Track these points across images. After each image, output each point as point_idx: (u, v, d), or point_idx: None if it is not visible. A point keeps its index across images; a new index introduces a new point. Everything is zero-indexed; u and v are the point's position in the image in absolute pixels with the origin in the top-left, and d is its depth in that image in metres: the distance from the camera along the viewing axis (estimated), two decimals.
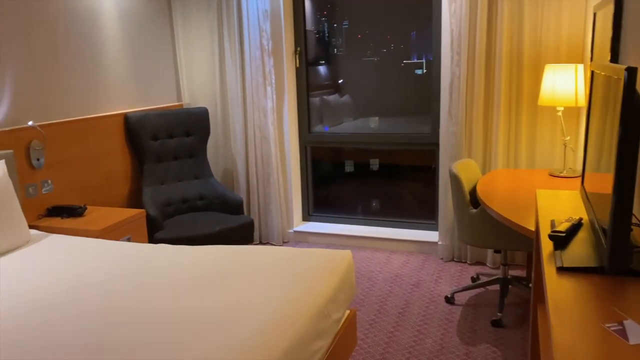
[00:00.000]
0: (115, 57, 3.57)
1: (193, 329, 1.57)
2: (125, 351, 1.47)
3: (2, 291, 1.93)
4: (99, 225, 2.77)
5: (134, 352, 1.46)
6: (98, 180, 3.39)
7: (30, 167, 2.90)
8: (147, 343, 1.50)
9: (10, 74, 2.82)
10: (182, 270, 2.06)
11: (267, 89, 3.96)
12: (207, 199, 3.79)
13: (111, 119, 3.51)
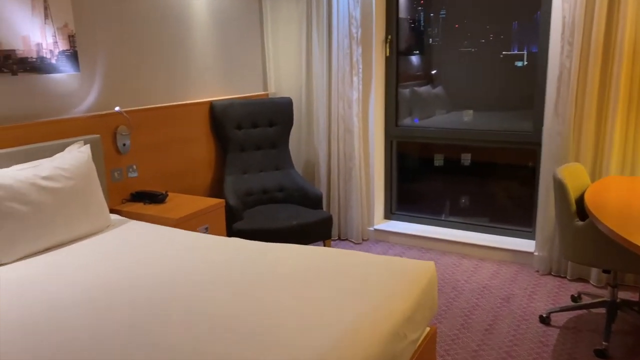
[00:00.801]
0: (204, 46, 3.56)
1: (257, 338, 1.45)
2: (178, 352, 1.38)
3: (72, 275, 1.94)
4: (178, 213, 2.76)
5: (184, 354, 1.36)
6: (181, 167, 3.41)
7: (116, 152, 2.95)
8: (201, 344, 1.41)
9: (102, 61, 2.87)
10: (253, 269, 1.95)
11: (353, 79, 3.78)
12: (287, 191, 3.70)
13: (197, 107, 3.51)
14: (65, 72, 2.66)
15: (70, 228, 2.31)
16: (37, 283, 1.90)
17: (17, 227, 2.13)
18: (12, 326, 1.58)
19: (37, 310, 1.68)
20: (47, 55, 2.57)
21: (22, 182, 2.18)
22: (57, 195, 2.27)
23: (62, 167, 2.34)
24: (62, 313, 1.66)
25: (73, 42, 2.68)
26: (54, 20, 2.59)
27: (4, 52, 2.38)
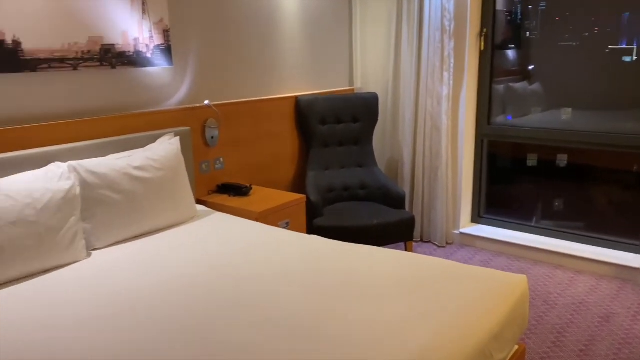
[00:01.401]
0: (292, 42, 3.56)
1: (327, 345, 1.40)
2: (242, 352, 1.36)
3: (157, 263, 2.00)
4: (261, 207, 2.78)
5: (250, 355, 1.34)
6: (266, 161, 3.44)
7: (205, 144, 3.03)
8: (269, 343, 1.38)
9: (193, 56, 2.95)
10: (331, 271, 1.90)
11: (443, 74, 3.61)
12: (369, 188, 3.62)
13: (283, 102, 3.52)
14: (159, 66, 2.76)
15: (158, 217, 2.39)
16: (125, 268, 1.98)
17: (110, 214, 2.23)
18: (100, 307, 1.65)
19: (122, 293, 1.75)
20: (143, 49, 2.67)
21: (116, 172, 2.28)
22: (147, 185, 2.36)
23: (152, 158, 2.43)
24: (144, 299, 1.70)
25: (167, 37, 2.78)
26: (151, 15, 2.69)
27: (105, 46, 2.51)
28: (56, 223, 2.01)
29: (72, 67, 2.40)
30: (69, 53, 2.38)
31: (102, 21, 2.48)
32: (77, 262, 2.07)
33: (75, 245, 2.08)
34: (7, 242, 1.86)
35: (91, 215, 2.21)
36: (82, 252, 2.11)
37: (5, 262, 1.85)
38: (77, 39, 2.40)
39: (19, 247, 1.89)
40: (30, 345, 1.46)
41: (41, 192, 2.01)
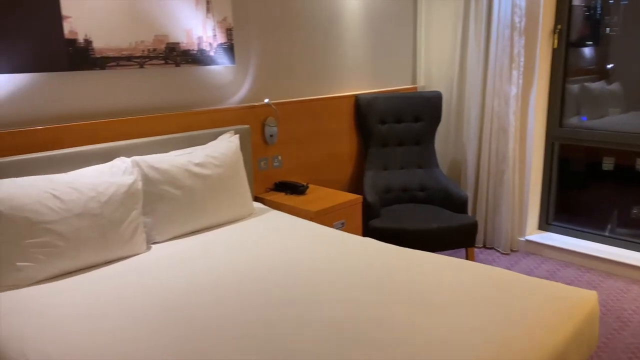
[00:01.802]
0: (353, 40, 3.51)
1: (381, 352, 1.35)
2: (292, 352, 1.33)
3: (213, 258, 2.02)
4: (317, 206, 2.76)
5: (301, 353, 1.31)
6: (323, 160, 3.42)
7: (264, 142, 3.04)
8: (319, 347, 1.34)
9: (255, 54, 2.97)
10: (387, 276, 1.85)
11: (512, 73, 3.44)
12: (429, 190, 3.51)
13: (342, 100, 3.48)
14: (221, 65, 2.80)
15: (216, 213, 2.42)
16: (183, 262, 2.02)
17: (170, 209, 2.29)
18: (157, 299, 1.69)
19: (179, 288, 1.78)
20: (206, 47, 2.72)
21: (177, 168, 2.33)
22: (206, 181, 2.39)
23: (212, 155, 2.47)
24: (199, 294, 1.72)
25: (230, 36, 2.81)
26: (215, 14, 2.73)
27: (170, 44, 2.57)
28: (119, 216, 2.08)
29: (139, 65, 2.47)
30: (136, 52, 2.45)
31: (168, 20, 2.54)
32: (137, 255, 2.13)
33: (136, 238, 2.14)
34: (73, 233, 1.94)
35: (152, 210, 2.27)
36: (143, 245, 2.17)
37: (70, 252, 1.94)
38: (143, 38, 2.47)
39: (83, 238, 1.97)
40: (89, 334, 1.51)
41: (105, 186, 2.09)
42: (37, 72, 2.17)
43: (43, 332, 1.53)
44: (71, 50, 2.24)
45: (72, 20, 2.22)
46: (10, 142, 2.10)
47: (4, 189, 1.89)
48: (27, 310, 1.67)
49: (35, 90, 2.19)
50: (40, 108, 2.21)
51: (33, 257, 1.87)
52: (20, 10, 2.07)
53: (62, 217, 1.94)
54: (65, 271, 1.95)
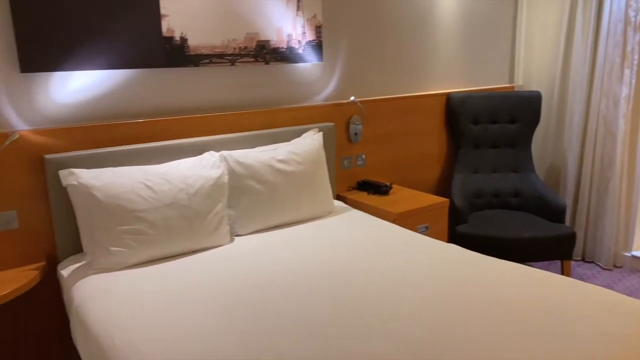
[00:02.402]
0: (446, 37, 3.38)
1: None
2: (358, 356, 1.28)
3: (292, 254, 2.02)
4: (399, 207, 2.68)
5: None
6: (409, 160, 3.33)
7: (348, 140, 3.02)
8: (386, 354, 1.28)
9: (343, 52, 2.95)
10: (467, 286, 1.74)
11: (624, 72, 3.13)
12: (523, 197, 3.29)
13: (432, 99, 3.36)
14: (310, 62, 2.81)
15: (297, 210, 2.43)
16: (264, 256, 2.04)
17: (253, 203, 2.33)
18: (237, 290, 1.72)
19: (258, 280, 1.80)
20: (295, 45, 2.74)
21: (261, 163, 2.37)
22: (289, 178, 2.41)
23: (295, 152, 2.48)
24: (278, 288, 1.73)
25: (319, 33, 2.81)
26: (305, 12, 2.74)
27: (260, 42, 2.62)
28: (205, 208, 2.15)
29: (230, 63, 2.55)
30: (228, 49, 2.52)
31: (259, 18, 2.59)
32: (221, 246, 2.19)
33: (220, 230, 2.20)
34: (162, 222, 2.04)
35: (236, 203, 2.33)
36: (226, 237, 2.23)
37: (159, 240, 2.03)
38: (235, 36, 2.53)
39: (172, 227, 2.06)
40: (172, 322, 1.57)
41: (194, 179, 2.17)
42: (137, 68, 2.30)
43: (129, 316, 1.61)
44: (168, 48, 2.35)
45: (170, 18, 2.33)
46: (110, 134, 2.25)
47: (103, 178, 2.03)
48: (117, 293, 1.78)
49: (134, 86, 2.33)
50: (138, 102, 2.35)
51: (125, 243, 1.98)
52: (122, 10, 2.21)
53: (153, 207, 2.04)
54: (153, 258, 2.05)
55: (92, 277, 1.91)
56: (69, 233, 2.13)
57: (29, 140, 2.07)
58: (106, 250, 1.96)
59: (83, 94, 2.21)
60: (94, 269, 1.97)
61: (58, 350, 2.22)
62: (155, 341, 1.47)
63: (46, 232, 2.15)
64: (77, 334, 1.76)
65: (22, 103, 2.07)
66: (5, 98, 2.03)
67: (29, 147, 2.07)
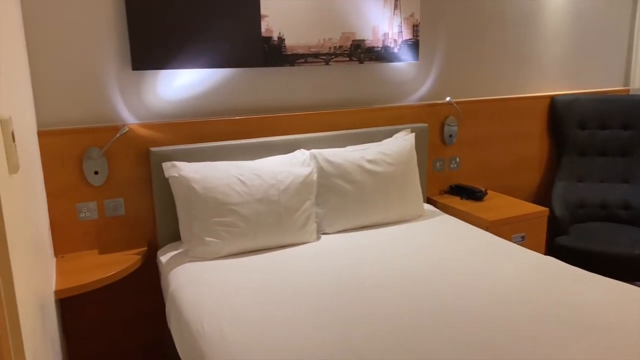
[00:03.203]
0: (551, 36, 3.17)
1: None
2: None
3: (375, 257, 1.99)
4: (494, 215, 2.56)
5: None
6: (506, 166, 3.16)
7: (441, 142, 2.93)
8: None
9: (440, 51, 2.86)
10: (567, 305, 1.62)
11: None
12: (635, 210, 3.01)
13: (534, 101, 3.17)
14: (405, 61, 2.76)
15: (384, 211, 2.40)
16: (349, 256, 2.04)
17: (340, 202, 2.33)
18: (320, 287, 1.73)
19: (341, 280, 1.80)
20: (391, 44, 2.70)
21: (350, 163, 2.37)
22: (377, 178, 2.38)
23: (385, 152, 2.45)
24: (362, 288, 1.72)
25: (416, 32, 2.75)
26: (402, 10, 2.69)
27: (355, 42, 2.61)
28: (294, 204, 2.19)
29: (324, 62, 2.57)
30: (323, 49, 2.55)
31: (355, 18, 2.59)
32: (307, 243, 2.22)
33: (307, 227, 2.23)
34: (253, 216, 2.10)
35: (324, 201, 2.34)
36: (313, 234, 2.25)
37: (250, 233, 2.10)
38: (331, 35, 2.55)
39: (262, 221, 2.11)
40: (259, 314, 1.61)
41: (284, 175, 2.21)
42: (236, 67, 2.39)
43: (218, 305, 1.68)
44: (266, 48, 2.41)
45: (269, 19, 2.39)
46: (209, 130, 2.36)
47: (201, 171, 2.13)
48: (209, 282, 1.86)
49: (233, 84, 2.42)
50: (236, 100, 2.44)
51: (218, 234, 2.07)
52: (226, 11, 2.30)
53: (245, 201, 2.11)
54: (243, 250, 2.12)
55: (188, 265, 2.01)
56: (168, 222, 2.26)
57: (137, 134, 2.22)
58: (201, 240, 2.06)
59: (186, 92, 2.33)
60: (190, 257, 2.07)
61: (154, 331, 2.37)
62: (241, 330, 1.52)
63: (148, 220, 2.31)
64: (171, 317, 1.87)
65: (132, 99, 2.24)
66: (118, 94, 2.20)
67: (136, 139, 2.23)
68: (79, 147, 2.14)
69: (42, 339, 1.38)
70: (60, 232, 2.16)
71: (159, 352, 2.41)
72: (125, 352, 2.37)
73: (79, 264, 2.07)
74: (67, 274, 1.98)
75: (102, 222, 2.22)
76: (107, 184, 2.20)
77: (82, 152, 2.14)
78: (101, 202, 2.21)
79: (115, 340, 2.34)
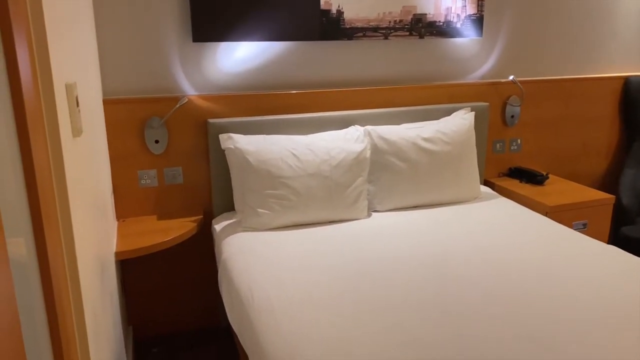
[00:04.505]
0: (630, 9, 2.94)
1: None
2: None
3: (428, 238, 1.96)
4: (554, 200, 2.45)
5: None
6: (571, 149, 3.01)
7: (503, 123, 2.81)
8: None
9: (505, 27, 2.73)
10: (627, 300, 1.54)
11: None
12: None
13: (605, 82, 2.98)
14: (467, 37, 2.65)
15: (439, 191, 2.35)
16: (400, 235, 2.02)
17: (393, 180, 2.30)
18: (369, 265, 1.73)
19: (393, 257, 1.79)
20: (453, 19, 2.60)
21: (405, 140, 2.33)
22: (433, 157, 2.33)
23: (443, 131, 2.38)
24: (411, 267, 1.70)
25: (481, 7, 2.63)
26: None
27: (416, 15, 2.54)
28: (345, 180, 2.18)
29: (384, 36, 2.51)
30: (382, 22, 2.49)
31: None
32: (358, 220, 2.21)
33: (358, 203, 2.22)
34: (305, 190, 2.12)
35: (376, 179, 2.32)
36: (364, 211, 2.24)
37: (301, 207, 2.12)
38: (391, 9, 2.49)
39: (313, 196, 2.13)
40: (305, 285, 1.63)
41: (337, 151, 2.20)
42: (294, 40, 2.38)
43: (267, 274, 1.72)
44: (325, 21, 2.39)
45: None
46: (265, 103, 2.38)
47: (256, 144, 2.16)
48: (259, 252, 1.90)
49: (289, 58, 2.42)
50: (292, 74, 2.44)
51: (270, 206, 2.10)
52: None
53: (298, 175, 2.12)
54: (294, 223, 2.14)
55: (240, 235, 2.06)
56: (223, 192, 2.32)
57: (196, 105, 2.28)
58: (254, 211, 2.10)
59: (244, 64, 2.36)
60: (243, 227, 2.12)
61: (209, 297, 2.46)
62: (288, 300, 1.55)
63: (205, 189, 2.37)
64: (223, 284, 1.93)
65: (192, 70, 2.28)
66: (178, 65, 2.26)
67: (195, 110, 2.28)
68: (141, 116, 2.22)
69: (101, 295, 1.46)
70: (122, 197, 2.26)
71: (213, 317, 2.50)
72: (181, 314, 2.47)
73: (139, 228, 2.17)
74: (127, 237, 2.08)
75: (161, 189, 2.31)
76: (166, 153, 2.28)
77: (144, 121, 2.22)
78: (161, 170, 2.29)
79: (172, 303, 2.45)
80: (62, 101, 0.99)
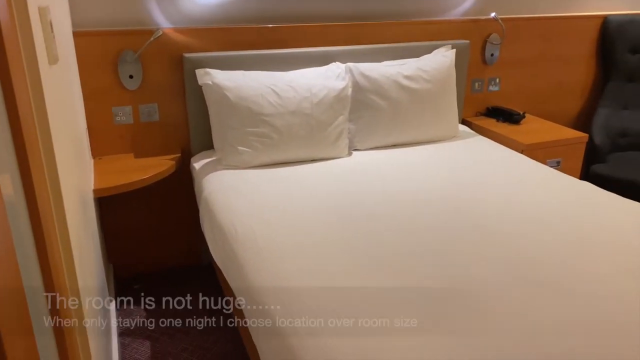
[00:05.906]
0: None
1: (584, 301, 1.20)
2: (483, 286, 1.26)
3: (408, 176, 1.99)
4: (530, 138, 2.49)
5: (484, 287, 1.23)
6: (547, 89, 3.03)
7: (482, 61, 2.80)
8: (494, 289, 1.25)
9: None
10: (599, 226, 1.61)
11: None
12: None
13: (584, 21, 2.97)
14: None
15: (418, 130, 2.36)
16: (380, 173, 2.05)
17: (374, 118, 2.30)
18: (350, 200, 1.75)
19: (372, 195, 1.81)
20: None
21: (386, 78, 2.30)
22: (413, 96, 2.32)
23: (423, 69, 2.36)
24: (387, 204, 1.73)
25: None
26: None
27: None
28: (326, 118, 2.16)
29: None
30: None
31: None
32: (338, 159, 2.22)
33: (339, 142, 2.22)
34: (286, 128, 2.09)
35: (357, 117, 2.31)
36: (345, 149, 2.24)
37: (282, 145, 2.10)
38: None
39: (294, 134, 2.11)
40: (287, 220, 1.65)
41: (319, 88, 2.17)
42: None
43: (250, 209, 1.72)
44: None
45: None
46: (242, 38, 2.30)
47: (235, 79, 2.10)
48: (241, 189, 1.90)
49: None
50: (272, 7, 2.35)
51: (251, 144, 2.08)
52: None
53: (278, 112, 2.09)
54: (275, 161, 2.13)
55: (221, 172, 2.05)
56: (201, 129, 2.27)
57: (171, 38, 2.19)
58: (234, 149, 2.08)
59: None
60: (223, 165, 2.10)
61: (189, 236, 2.47)
62: (270, 234, 1.57)
63: (182, 127, 2.32)
64: (205, 221, 1.93)
65: (166, 2, 2.17)
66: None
67: (170, 44, 2.19)
68: (113, 49, 2.12)
69: (85, 234, 1.44)
70: (97, 135, 2.20)
71: (194, 255, 2.52)
72: (162, 253, 2.48)
73: (115, 166, 2.12)
74: (104, 174, 2.04)
75: (137, 126, 2.25)
76: (141, 89, 2.20)
77: (117, 55, 2.13)
78: (136, 106, 2.22)
79: (152, 242, 2.45)
80: (37, 25, 0.93)
